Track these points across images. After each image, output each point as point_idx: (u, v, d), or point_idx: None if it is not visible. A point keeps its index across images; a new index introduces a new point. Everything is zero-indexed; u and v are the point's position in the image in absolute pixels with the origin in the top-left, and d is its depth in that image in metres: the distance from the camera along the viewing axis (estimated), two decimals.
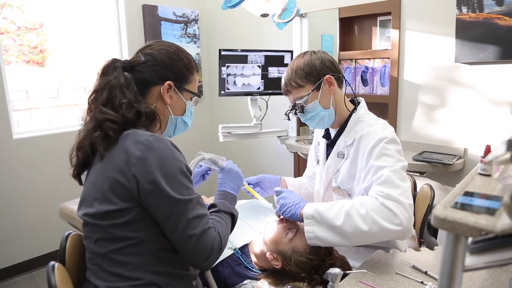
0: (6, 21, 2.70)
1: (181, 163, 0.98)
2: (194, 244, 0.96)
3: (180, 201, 0.95)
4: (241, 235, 1.41)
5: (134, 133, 0.98)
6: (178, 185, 0.96)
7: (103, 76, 1.07)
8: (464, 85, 2.23)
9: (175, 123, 1.16)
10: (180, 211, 0.95)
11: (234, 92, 2.60)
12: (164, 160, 0.95)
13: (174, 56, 1.11)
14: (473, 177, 0.74)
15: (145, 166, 0.93)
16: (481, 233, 0.52)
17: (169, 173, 0.95)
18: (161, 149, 0.96)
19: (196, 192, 1.03)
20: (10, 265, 2.70)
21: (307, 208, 1.23)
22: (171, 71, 1.10)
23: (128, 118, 1.00)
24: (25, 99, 2.84)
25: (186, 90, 1.14)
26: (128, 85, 1.04)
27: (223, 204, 1.14)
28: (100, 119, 0.99)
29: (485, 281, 1.09)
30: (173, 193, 0.94)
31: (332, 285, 1.01)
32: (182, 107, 1.15)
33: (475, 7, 2.07)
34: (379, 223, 1.13)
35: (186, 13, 3.43)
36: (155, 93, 1.09)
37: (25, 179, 2.69)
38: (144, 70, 1.08)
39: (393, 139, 1.27)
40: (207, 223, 1.00)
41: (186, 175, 0.99)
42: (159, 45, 1.12)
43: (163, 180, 0.93)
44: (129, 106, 1.01)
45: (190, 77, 1.14)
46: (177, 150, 1.01)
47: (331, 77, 1.34)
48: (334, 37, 2.89)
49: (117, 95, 1.02)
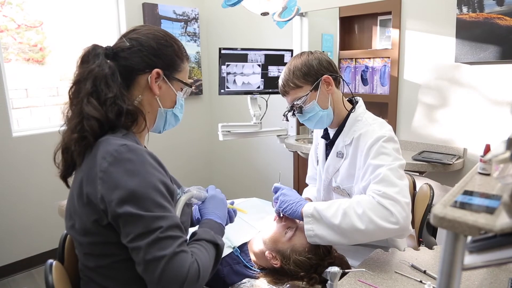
0: (6, 19, 2.69)
1: (154, 178, 0.85)
2: (163, 269, 0.79)
3: (147, 218, 0.81)
4: (240, 233, 1.41)
5: (106, 141, 0.87)
6: (148, 203, 0.82)
7: (83, 64, 0.94)
8: (464, 85, 2.23)
9: (165, 117, 1.04)
10: (147, 229, 0.81)
11: (234, 91, 2.59)
12: (132, 174, 0.83)
13: (163, 42, 0.99)
14: (472, 176, 0.74)
15: (110, 180, 0.82)
16: (480, 232, 0.52)
17: (137, 188, 0.82)
18: (131, 161, 0.84)
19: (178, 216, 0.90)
20: (9, 263, 2.70)
21: (307, 207, 1.23)
22: (160, 58, 0.97)
23: (109, 119, 0.90)
24: (24, 97, 2.83)
25: (177, 79, 1.02)
26: (113, 75, 0.92)
27: (205, 232, 0.98)
28: (86, 114, 0.88)
29: (484, 280, 1.09)
30: (139, 210, 0.81)
31: (331, 284, 1.01)
32: (172, 98, 1.03)
33: (476, 7, 2.07)
34: (375, 222, 1.13)
35: (186, 11, 3.43)
36: (142, 82, 0.97)
37: (24, 177, 2.69)
38: (130, 57, 0.95)
39: (390, 137, 1.27)
40: (182, 246, 0.84)
41: (160, 192, 0.85)
42: (146, 29, 0.99)
43: (129, 197, 0.81)
44: (112, 103, 0.90)
45: (180, 65, 1.03)
46: (156, 162, 0.89)
47: (329, 77, 1.34)
48: (334, 36, 2.89)
49: (102, 88, 0.90)
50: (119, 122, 0.91)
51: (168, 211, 0.85)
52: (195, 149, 3.75)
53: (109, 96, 0.90)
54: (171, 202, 0.89)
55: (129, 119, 0.93)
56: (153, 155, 0.90)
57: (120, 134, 0.91)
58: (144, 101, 0.98)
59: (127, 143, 0.86)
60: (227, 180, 3.84)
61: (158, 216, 0.82)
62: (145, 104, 0.99)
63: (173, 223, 0.84)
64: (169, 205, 0.87)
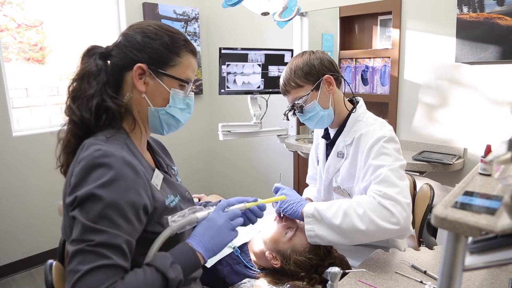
0: (6, 18, 2.69)
1: (115, 192, 0.78)
2: (73, 285, 0.72)
3: (85, 227, 0.75)
4: (240, 233, 1.41)
5: (87, 145, 0.85)
6: (94, 212, 0.76)
7: (81, 64, 0.94)
8: (465, 85, 2.23)
9: (158, 117, 0.96)
10: (79, 237, 0.75)
11: (234, 91, 2.59)
12: (94, 180, 0.78)
13: (151, 35, 0.93)
14: (473, 176, 0.74)
15: (74, 182, 0.79)
16: (481, 233, 0.52)
17: (91, 195, 0.76)
18: (98, 168, 0.79)
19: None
20: (9, 263, 2.70)
21: (307, 207, 1.23)
22: (143, 52, 0.92)
23: (85, 118, 0.87)
24: (24, 96, 2.83)
25: (167, 74, 0.94)
26: (97, 74, 0.90)
27: (162, 259, 0.82)
28: (68, 117, 0.90)
29: (484, 281, 1.09)
30: (82, 217, 0.76)
31: (332, 284, 1.01)
32: (164, 95, 0.95)
33: (476, 7, 2.07)
34: (376, 222, 1.13)
35: (186, 11, 3.42)
36: (129, 80, 0.93)
37: (24, 177, 2.69)
38: (116, 54, 0.93)
39: (391, 138, 1.27)
40: (104, 268, 0.74)
41: (119, 211, 0.77)
42: (139, 24, 0.96)
43: (80, 201, 0.77)
44: (87, 100, 0.88)
45: (172, 59, 0.94)
46: (133, 173, 0.82)
47: (330, 77, 1.33)
48: (335, 36, 2.88)
49: (84, 87, 0.89)
50: (98, 122, 0.88)
51: (115, 229, 0.76)
52: (195, 149, 3.75)
53: (87, 93, 0.88)
54: (130, 221, 0.79)
55: (109, 118, 0.89)
56: (131, 164, 0.82)
57: (105, 135, 0.87)
58: (133, 99, 0.94)
59: (102, 148, 0.81)
60: (227, 180, 3.84)
61: (96, 228, 0.75)
62: (134, 103, 0.94)
63: (110, 242, 0.75)
64: (124, 223, 0.78)
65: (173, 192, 0.99)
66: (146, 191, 0.85)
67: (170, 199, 0.94)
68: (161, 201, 0.90)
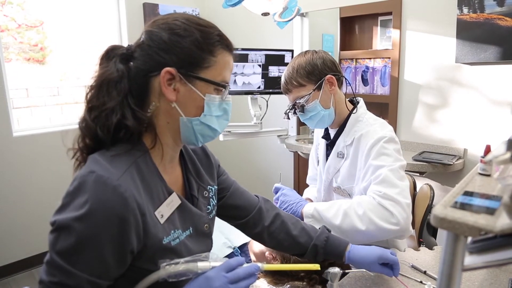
0: (6, 18, 2.70)
1: (99, 230, 0.68)
2: None
3: (51, 260, 0.68)
4: (240, 234, 1.41)
5: (90, 159, 0.75)
6: (65, 244, 0.67)
7: (99, 68, 0.81)
8: (465, 86, 2.23)
9: (192, 128, 0.82)
10: (46, 266, 0.69)
11: (234, 91, 2.59)
12: (77, 208, 0.68)
13: (179, 31, 0.78)
14: (473, 177, 0.74)
15: (61, 203, 0.71)
16: (480, 233, 0.52)
17: (68, 225, 0.67)
18: (84, 194, 0.69)
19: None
20: (10, 263, 2.71)
21: (307, 207, 1.23)
22: (172, 54, 0.77)
23: (99, 136, 0.75)
24: (25, 96, 2.84)
25: (201, 78, 0.79)
26: (119, 81, 0.77)
27: None
28: (81, 132, 0.79)
29: (484, 281, 1.09)
30: (53, 246, 0.68)
31: (332, 284, 1.01)
32: (197, 103, 0.81)
33: (476, 8, 2.07)
34: (376, 223, 1.13)
35: (186, 11, 3.43)
36: (156, 86, 0.78)
37: (24, 177, 2.70)
38: (139, 56, 0.79)
39: (391, 138, 1.27)
40: None
41: (96, 248, 0.68)
42: (164, 19, 0.81)
43: (56, 228, 0.69)
44: (106, 116, 0.75)
45: (206, 59, 0.80)
46: (118, 211, 0.69)
47: (332, 77, 1.34)
48: (335, 37, 2.89)
49: (103, 96, 0.76)
50: (116, 137, 0.76)
51: (83, 269, 0.68)
52: None
53: (106, 106, 0.75)
54: (105, 262, 0.69)
55: (130, 134, 0.77)
56: (123, 196, 0.69)
57: (114, 152, 0.76)
58: (161, 109, 0.80)
59: (96, 171, 0.70)
60: None
61: (61, 266, 0.67)
62: (162, 113, 0.80)
63: (73, 284, 0.68)
64: (96, 264, 0.69)
65: (184, 225, 0.84)
66: (135, 230, 0.72)
67: (172, 236, 0.80)
68: (157, 239, 0.76)
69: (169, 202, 0.81)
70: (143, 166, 0.78)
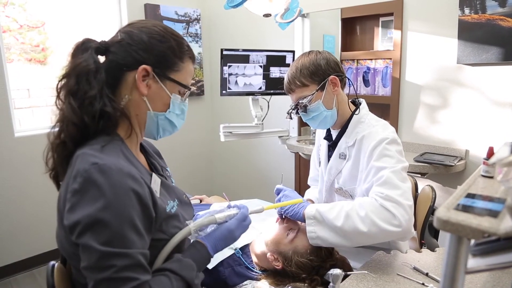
0: (8, 19, 2.70)
1: (122, 206, 0.75)
2: None
3: (102, 253, 0.72)
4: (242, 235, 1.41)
5: (82, 156, 0.79)
6: (107, 234, 0.73)
7: (73, 58, 0.88)
8: (466, 86, 2.22)
9: (157, 122, 0.93)
10: (99, 265, 0.73)
11: (235, 92, 2.59)
12: (98, 201, 0.73)
13: (157, 37, 0.89)
14: (475, 178, 0.74)
15: (75, 204, 0.75)
16: (483, 235, 0.51)
17: (99, 218, 0.73)
18: (99, 186, 0.74)
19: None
20: (11, 263, 2.71)
21: (309, 209, 1.23)
22: (150, 53, 0.88)
23: (85, 123, 0.82)
24: (26, 97, 2.84)
25: (171, 79, 0.91)
26: (97, 72, 0.84)
27: (187, 268, 0.86)
28: (65, 118, 0.83)
29: (486, 283, 1.09)
30: (95, 243, 0.72)
31: (333, 286, 1.01)
32: (165, 100, 0.92)
33: (478, 8, 2.07)
34: (378, 225, 1.13)
35: (188, 12, 3.43)
36: (130, 80, 0.88)
37: (26, 177, 2.70)
38: (118, 51, 0.88)
39: (394, 139, 1.27)
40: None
41: (128, 222, 0.75)
42: (143, 23, 0.92)
43: (87, 226, 0.73)
44: (89, 103, 0.82)
45: (177, 64, 0.92)
46: (135, 184, 0.78)
47: (335, 77, 1.33)
48: (336, 38, 2.88)
49: (83, 86, 0.83)
50: (97, 126, 0.83)
51: (132, 247, 0.75)
52: (196, 150, 3.75)
53: (89, 95, 0.82)
54: (142, 234, 0.78)
55: (109, 123, 0.84)
56: (131, 175, 0.78)
57: (100, 144, 0.82)
58: (132, 101, 0.89)
59: (98, 162, 0.76)
60: (228, 181, 3.84)
61: (115, 253, 0.73)
62: (133, 105, 0.90)
63: (133, 263, 0.74)
64: (137, 238, 0.76)
65: (171, 196, 0.95)
66: (150, 200, 0.82)
67: (170, 205, 0.91)
68: (162, 208, 0.87)
69: (154, 180, 0.90)
70: (126, 153, 0.87)
